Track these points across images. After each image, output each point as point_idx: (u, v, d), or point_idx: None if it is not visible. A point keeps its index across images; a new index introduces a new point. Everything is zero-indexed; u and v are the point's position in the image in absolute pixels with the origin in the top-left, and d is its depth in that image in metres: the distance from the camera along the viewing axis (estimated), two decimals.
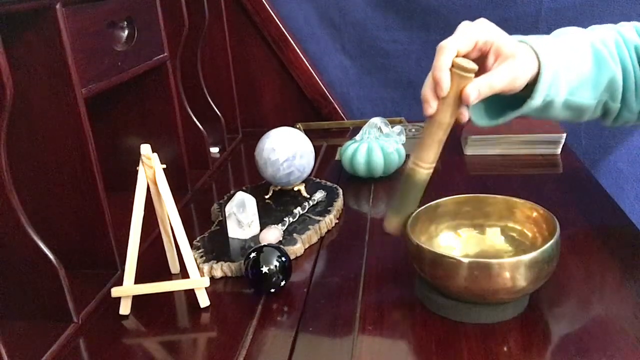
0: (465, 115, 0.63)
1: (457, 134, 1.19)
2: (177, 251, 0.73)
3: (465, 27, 0.62)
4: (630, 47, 0.70)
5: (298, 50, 1.31)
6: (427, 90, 0.61)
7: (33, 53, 0.65)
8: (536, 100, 0.65)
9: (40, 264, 0.63)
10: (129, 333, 0.66)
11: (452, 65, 0.60)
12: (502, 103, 0.69)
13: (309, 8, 1.33)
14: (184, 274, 0.73)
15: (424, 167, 0.64)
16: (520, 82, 0.63)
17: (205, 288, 0.68)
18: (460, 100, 0.61)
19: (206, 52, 1.21)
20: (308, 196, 0.93)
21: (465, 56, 0.61)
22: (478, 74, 0.61)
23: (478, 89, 0.60)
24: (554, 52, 0.65)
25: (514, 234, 0.70)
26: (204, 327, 0.66)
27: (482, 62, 0.63)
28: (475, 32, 0.61)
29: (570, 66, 0.66)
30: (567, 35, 0.71)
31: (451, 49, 0.60)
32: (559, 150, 1.10)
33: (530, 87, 0.65)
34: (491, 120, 0.69)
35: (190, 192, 1.01)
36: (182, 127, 0.98)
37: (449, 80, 0.60)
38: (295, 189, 0.94)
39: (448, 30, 0.62)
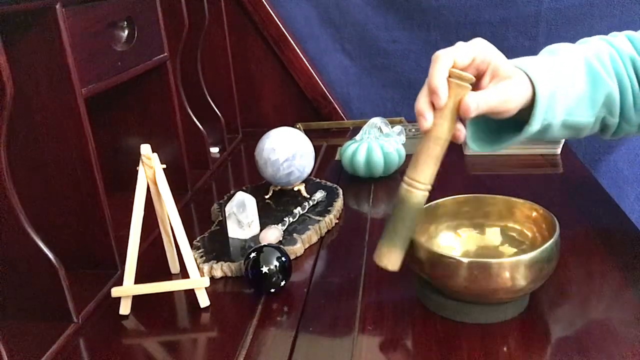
0: (462, 132, 0.59)
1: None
2: (177, 251, 0.73)
3: (462, 43, 0.60)
4: (625, 60, 0.68)
5: (298, 50, 1.31)
6: (422, 102, 0.58)
7: (33, 53, 0.65)
8: (534, 126, 0.63)
9: (40, 264, 0.63)
10: (129, 333, 0.66)
11: (449, 75, 0.57)
12: (499, 129, 0.68)
13: (309, 8, 1.33)
14: (184, 274, 0.73)
15: (420, 188, 0.59)
16: (513, 105, 0.60)
17: (205, 288, 0.68)
18: (457, 113, 0.57)
19: (206, 52, 1.21)
20: (308, 196, 0.93)
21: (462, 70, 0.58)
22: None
23: (477, 101, 0.57)
24: (549, 75, 0.63)
25: (514, 234, 0.70)
26: (204, 327, 0.66)
27: (477, 82, 0.60)
28: (473, 48, 0.59)
29: (566, 87, 0.64)
30: (560, 53, 0.69)
31: (448, 58, 0.57)
32: (559, 150, 1.10)
33: (525, 112, 0.63)
34: (488, 146, 0.67)
35: (190, 192, 1.01)
36: (182, 127, 0.98)
37: (447, 89, 0.56)
38: (295, 189, 0.94)
39: (448, 30, 0.61)
